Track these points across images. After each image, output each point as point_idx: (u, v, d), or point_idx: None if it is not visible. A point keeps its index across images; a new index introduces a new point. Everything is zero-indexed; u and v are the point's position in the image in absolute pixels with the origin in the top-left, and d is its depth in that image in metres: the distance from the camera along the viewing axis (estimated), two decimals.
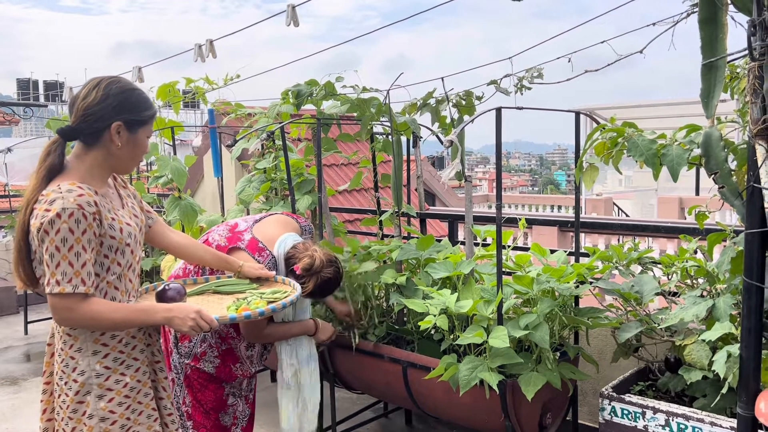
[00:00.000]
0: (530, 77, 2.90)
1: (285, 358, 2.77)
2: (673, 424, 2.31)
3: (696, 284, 2.66)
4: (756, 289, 1.75)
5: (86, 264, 1.80)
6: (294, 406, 2.74)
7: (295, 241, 2.66)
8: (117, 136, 1.88)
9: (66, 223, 1.76)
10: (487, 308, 2.54)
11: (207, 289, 2.37)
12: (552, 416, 2.78)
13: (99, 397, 1.89)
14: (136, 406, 1.95)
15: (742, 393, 1.79)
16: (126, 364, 1.94)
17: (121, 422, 1.91)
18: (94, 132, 1.88)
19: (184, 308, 1.92)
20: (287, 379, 2.76)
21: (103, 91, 1.87)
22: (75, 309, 1.79)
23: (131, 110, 1.90)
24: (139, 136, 1.94)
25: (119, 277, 1.94)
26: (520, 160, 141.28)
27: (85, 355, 1.89)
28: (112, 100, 1.87)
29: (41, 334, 6.02)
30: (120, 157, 1.93)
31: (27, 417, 4.11)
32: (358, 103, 3.15)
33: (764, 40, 1.66)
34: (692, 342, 2.36)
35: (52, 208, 1.77)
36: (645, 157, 1.94)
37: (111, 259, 1.90)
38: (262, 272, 2.43)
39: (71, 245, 1.77)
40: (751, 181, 1.73)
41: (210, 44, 3.71)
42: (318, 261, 2.56)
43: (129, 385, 1.93)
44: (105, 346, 1.91)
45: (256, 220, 2.73)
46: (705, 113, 1.88)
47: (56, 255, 1.77)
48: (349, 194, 7.34)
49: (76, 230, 1.77)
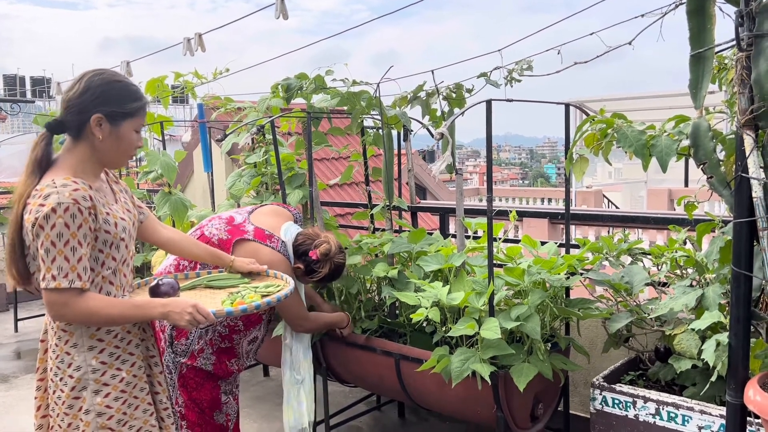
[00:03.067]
0: (520, 69, 2.90)
1: (297, 355, 2.79)
2: (664, 413, 2.33)
3: (685, 274, 2.68)
4: (744, 278, 1.77)
5: (82, 259, 1.79)
6: (299, 402, 2.76)
7: (297, 229, 2.69)
8: (98, 129, 1.87)
9: (61, 217, 1.75)
10: (478, 300, 2.55)
11: (199, 284, 2.37)
12: (544, 407, 2.81)
13: (95, 392, 1.88)
14: (132, 400, 1.95)
15: (731, 381, 1.81)
16: (122, 359, 1.94)
17: (118, 417, 1.91)
18: (78, 124, 1.88)
19: (181, 302, 1.91)
20: (301, 375, 2.79)
21: (85, 84, 1.87)
22: (71, 304, 1.78)
23: (112, 102, 1.88)
24: (123, 128, 1.91)
25: (114, 272, 1.94)
26: (510, 153, 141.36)
27: (81, 350, 1.88)
28: (93, 92, 1.86)
29: (31, 332, 5.99)
30: (104, 151, 1.91)
31: (17, 415, 4.10)
32: (348, 96, 3.15)
33: (751, 31, 1.68)
34: (682, 331, 2.38)
35: (47, 203, 1.76)
36: (634, 148, 1.95)
37: (106, 253, 1.89)
38: (253, 266, 2.43)
39: (67, 240, 1.76)
40: (740, 171, 1.74)
41: (199, 38, 3.69)
42: (334, 247, 2.62)
43: (125, 379, 1.93)
44: (101, 341, 1.91)
45: (249, 212, 2.73)
46: (693, 104, 1.90)
47: (52, 250, 1.76)
48: (340, 188, 7.34)
49: (71, 225, 1.77)
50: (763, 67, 1.62)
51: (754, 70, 1.67)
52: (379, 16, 3.44)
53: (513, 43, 2.94)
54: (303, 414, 2.76)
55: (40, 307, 6.72)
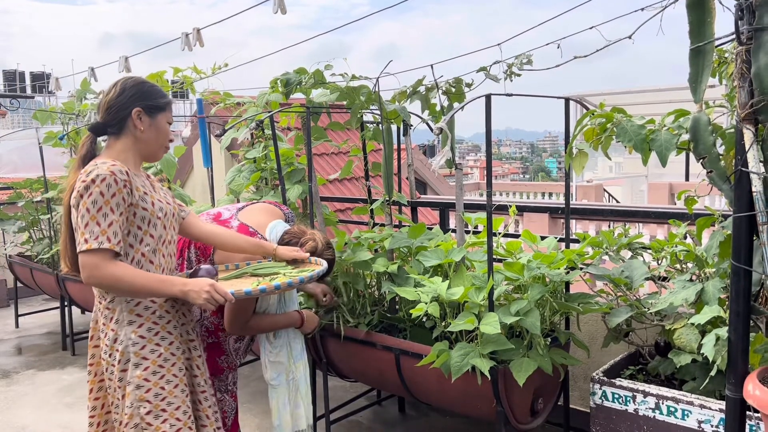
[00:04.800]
0: (519, 64, 2.89)
1: (268, 356, 2.70)
2: (663, 407, 2.33)
3: (685, 269, 2.68)
4: (744, 272, 1.76)
5: (113, 224, 1.95)
6: (284, 402, 2.67)
7: (284, 227, 2.66)
8: (139, 121, 2.10)
9: (98, 187, 1.94)
10: (478, 295, 2.55)
11: (245, 273, 2.42)
12: (544, 401, 2.81)
13: (135, 365, 2.03)
14: (170, 377, 2.08)
15: (731, 375, 1.81)
16: (161, 336, 2.09)
17: (155, 391, 2.04)
18: (119, 121, 2.10)
19: (199, 282, 2.02)
20: (272, 378, 2.68)
21: (121, 86, 2.12)
22: (100, 267, 1.93)
23: (147, 97, 2.13)
24: (159, 120, 2.14)
25: (154, 251, 2.09)
26: (511, 147, 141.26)
27: (122, 325, 2.05)
28: (129, 91, 2.11)
29: (32, 328, 6.00)
30: (146, 141, 2.13)
31: (19, 410, 4.11)
32: (347, 91, 3.14)
33: (751, 24, 1.67)
34: (682, 326, 2.38)
35: (88, 178, 1.95)
36: (634, 142, 1.94)
37: (144, 231, 2.06)
38: (297, 254, 2.47)
39: (100, 206, 1.94)
40: (739, 165, 1.73)
41: (197, 33, 3.68)
42: (320, 244, 2.60)
43: (163, 355, 2.07)
44: (139, 316, 2.06)
45: (239, 208, 2.71)
46: (693, 98, 1.89)
47: (86, 216, 1.94)
48: (340, 183, 7.33)
49: (106, 193, 1.94)
50: (763, 60, 1.62)
51: (754, 64, 1.67)
52: (379, 10, 3.42)
53: (511, 38, 2.93)
54: (301, 416, 2.71)
55: (41, 303, 6.73)
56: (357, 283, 3.08)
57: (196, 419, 2.20)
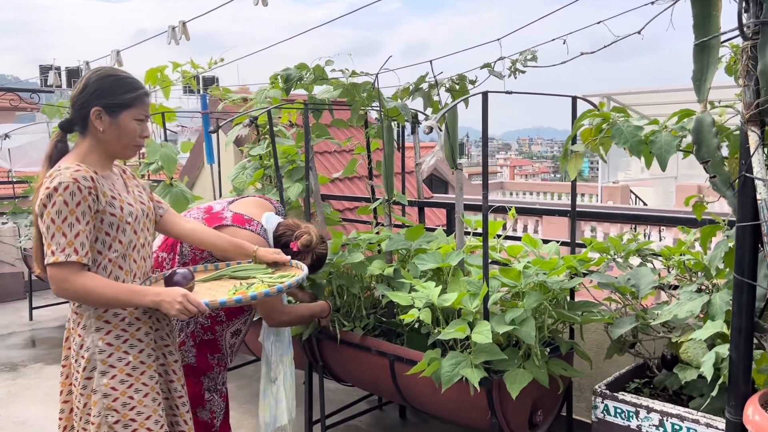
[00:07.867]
0: (523, 60, 2.77)
1: (273, 351, 2.72)
2: (668, 425, 2.20)
3: (694, 278, 2.52)
4: (747, 286, 1.63)
5: (79, 234, 1.86)
6: (274, 400, 2.68)
7: (278, 219, 2.64)
8: (98, 121, 1.96)
9: (61, 196, 1.85)
10: (472, 302, 2.44)
11: (224, 275, 2.34)
12: (543, 413, 2.68)
13: (102, 373, 1.96)
14: (139, 386, 1.99)
15: (731, 397, 1.68)
16: (129, 343, 2.00)
17: (123, 400, 1.97)
18: (82, 119, 1.99)
19: (172, 292, 1.94)
20: (274, 374, 2.71)
21: (84, 81, 2.00)
22: (69, 279, 1.86)
23: (108, 94, 1.97)
24: (122, 119, 1.99)
25: (123, 257, 2.00)
26: (542, 146, 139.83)
27: (89, 331, 1.97)
28: (91, 87, 1.98)
29: (46, 320, 6.04)
30: (107, 141, 1.99)
31: (22, 404, 4.11)
32: (348, 87, 3.05)
33: (758, 17, 1.53)
34: (689, 339, 2.24)
35: (51, 184, 1.86)
36: (630, 144, 1.81)
37: (112, 236, 1.96)
38: (277, 257, 2.38)
39: (65, 217, 1.85)
40: (743, 170, 1.60)
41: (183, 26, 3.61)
42: (315, 238, 2.57)
43: (132, 364, 1.99)
44: (107, 323, 1.98)
45: (230, 201, 2.69)
46: (697, 97, 1.76)
47: (51, 227, 1.85)
48: (350, 182, 7.22)
49: (70, 202, 1.85)
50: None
51: (760, 61, 1.53)
52: None
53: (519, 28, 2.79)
54: (283, 411, 2.68)
55: (55, 296, 6.78)
56: (352, 285, 2.99)
57: (173, 425, 2.15)
